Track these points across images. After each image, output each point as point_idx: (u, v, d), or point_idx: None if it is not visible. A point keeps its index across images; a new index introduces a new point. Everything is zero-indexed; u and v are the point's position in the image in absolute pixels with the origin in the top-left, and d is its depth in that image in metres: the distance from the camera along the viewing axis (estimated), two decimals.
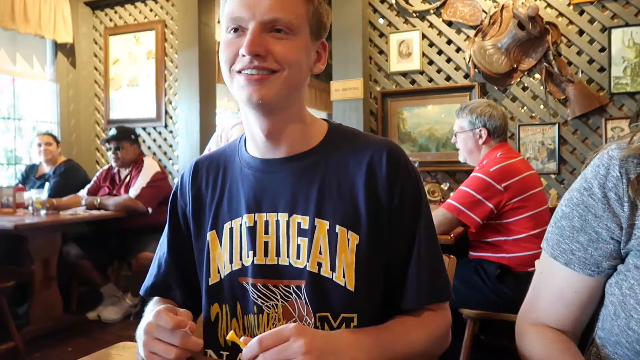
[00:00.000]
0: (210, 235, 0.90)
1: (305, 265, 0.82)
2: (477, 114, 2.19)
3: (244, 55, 0.77)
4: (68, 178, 3.61)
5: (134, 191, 3.32)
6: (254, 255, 0.85)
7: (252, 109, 0.82)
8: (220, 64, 0.83)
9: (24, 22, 3.88)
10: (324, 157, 0.87)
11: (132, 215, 3.30)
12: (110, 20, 4.52)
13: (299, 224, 0.84)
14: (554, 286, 0.79)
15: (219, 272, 0.89)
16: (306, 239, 0.83)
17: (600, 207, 0.71)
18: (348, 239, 0.82)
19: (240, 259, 0.87)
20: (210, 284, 0.89)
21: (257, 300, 0.85)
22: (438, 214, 2.00)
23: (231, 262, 0.87)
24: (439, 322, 0.85)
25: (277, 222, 0.85)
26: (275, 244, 0.85)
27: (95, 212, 3.25)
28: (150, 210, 3.32)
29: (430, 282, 0.84)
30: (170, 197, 0.99)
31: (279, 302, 0.84)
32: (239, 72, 0.79)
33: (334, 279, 0.81)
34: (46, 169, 3.78)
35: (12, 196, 3.19)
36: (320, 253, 0.82)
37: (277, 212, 0.85)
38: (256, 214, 0.86)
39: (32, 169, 3.88)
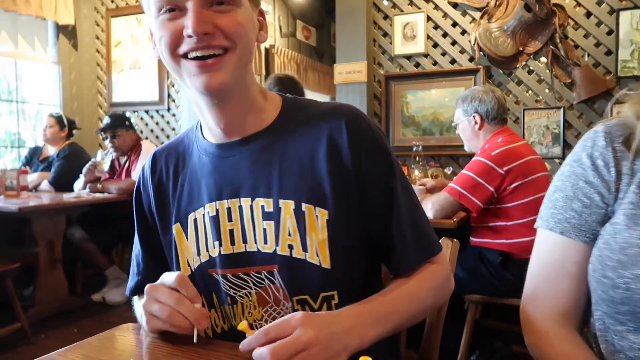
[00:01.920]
0: (175, 229, 0.87)
1: (275, 250, 0.79)
2: (468, 101, 2.21)
3: (190, 36, 0.71)
4: (72, 161, 3.61)
5: (136, 174, 3.34)
6: (220, 245, 0.82)
7: (207, 97, 0.77)
8: (160, 50, 0.76)
9: (25, 3, 3.85)
10: (280, 134, 0.83)
11: None
12: (112, 1, 4.47)
13: (262, 207, 0.80)
14: (554, 262, 0.78)
15: (189, 265, 0.86)
16: (272, 222, 0.80)
17: (590, 174, 0.74)
18: (316, 216, 0.78)
19: (207, 250, 0.84)
20: None
21: (229, 291, 0.83)
22: (440, 197, 2.00)
23: (199, 254, 0.85)
24: (435, 274, 0.83)
25: (240, 207, 0.82)
26: (241, 231, 0.81)
27: (98, 195, 3.27)
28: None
29: (418, 242, 0.82)
30: (134, 193, 0.96)
31: (252, 289, 0.81)
32: (185, 56, 0.73)
33: (307, 260, 0.78)
34: (50, 151, 3.79)
35: (16, 179, 3.20)
36: (289, 235, 0.79)
37: (238, 197, 0.82)
38: (217, 202, 0.83)
39: (35, 151, 3.89)
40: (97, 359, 0.68)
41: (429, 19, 3.46)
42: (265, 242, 0.80)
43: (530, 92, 3.24)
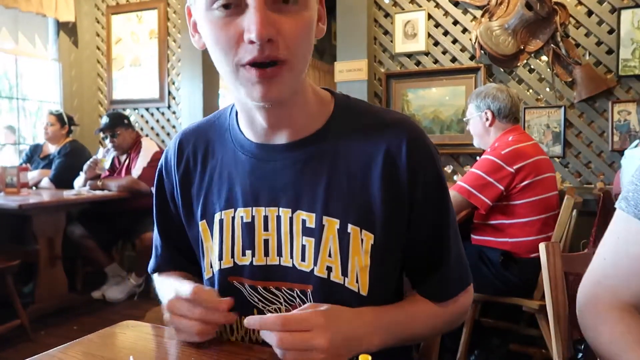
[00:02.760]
0: (201, 226, 0.81)
1: (313, 269, 0.73)
2: (481, 97, 2.21)
3: (251, 42, 0.62)
4: (72, 158, 3.62)
5: (136, 172, 3.35)
6: (253, 255, 0.76)
7: (259, 103, 0.69)
8: (213, 53, 0.68)
9: (25, 0, 3.84)
10: (331, 143, 0.75)
11: (136, 196, 3.31)
12: None
13: (304, 221, 0.74)
14: (635, 252, 0.70)
15: (211, 266, 0.81)
16: (312, 240, 0.73)
17: None
18: (362, 239, 0.73)
19: (232, 257, 0.78)
20: (206, 277, 0.83)
21: (258, 303, 0.77)
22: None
23: (220, 258, 0.79)
24: (459, 305, 0.81)
25: (279, 218, 0.75)
26: (277, 243, 0.75)
27: (99, 193, 3.27)
28: (153, 190, 3.33)
29: (457, 275, 0.80)
30: (156, 177, 0.89)
31: (282, 305, 0.76)
32: (245, 64, 0.64)
33: (346, 285, 0.73)
34: (51, 149, 3.79)
35: (16, 176, 3.20)
36: (329, 256, 0.73)
37: (278, 206, 0.75)
38: (254, 208, 0.76)
39: (36, 148, 3.89)
40: (97, 356, 0.68)
41: (429, 17, 3.45)
42: (303, 260, 0.74)
43: (531, 90, 3.24)
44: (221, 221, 0.79)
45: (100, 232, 3.39)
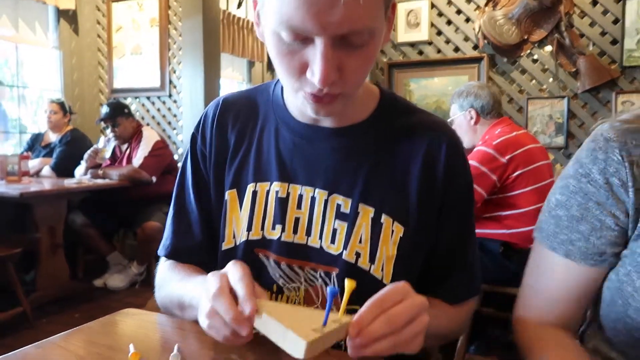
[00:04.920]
0: (229, 195, 0.80)
1: (341, 253, 0.74)
2: (463, 96, 2.21)
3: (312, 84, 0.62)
4: (74, 147, 3.61)
5: (137, 161, 3.34)
6: (282, 230, 0.76)
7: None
8: (274, 61, 0.66)
9: None
10: (375, 134, 0.78)
11: (136, 185, 3.31)
12: None
13: (338, 206, 0.75)
14: (555, 281, 0.72)
15: (234, 237, 0.79)
16: (345, 224, 0.75)
17: (603, 194, 0.65)
18: (392, 230, 0.75)
19: (262, 229, 0.77)
20: (223, 248, 0.80)
21: (279, 279, 0.77)
22: None
23: (249, 229, 0.78)
24: (464, 314, 0.83)
25: (313, 198, 0.76)
26: (307, 223, 0.76)
27: (100, 182, 3.26)
28: (154, 179, 3.34)
29: (469, 283, 0.82)
30: (190, 141, 0.85)
31: (302, 285, 0.76)
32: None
33: (371, 272, 0.74)
34: (52, 137, 3.79)
35: (18, 164, 3.19)
36: (360, 242, 0.74)
37: (314, 187, 0.76)
38: (290, 185, 0.77)
39: (37, 137, 3.89)
40: (98, 344, 0.68)
41: (433, 6, 3.42)
42: (332, 242, 0.75)
43: (534, 81, 3.22)
44: (254, 192, 0.79)
45: (102, 220, 3.40)
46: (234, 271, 0.58)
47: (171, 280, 0.81)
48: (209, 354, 0.66)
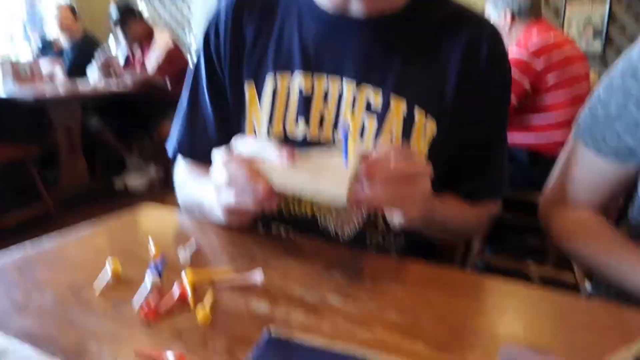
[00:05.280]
0: (248, 88, 0.74)
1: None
2: None
3: None
4: (85, 51, 3.55)
5: (150, 66, 3.28)
6: (307, 125, 0.71)
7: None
8: None
9: None
10: (410, 23, 0.72)
11: (151, 90, 3.27)
12: None
13: (368, 97, 0.70)
14: (584, 174, 0.75)
15: (255, 133, 0.74)
16: (374, 119, 0.69)
17: None
18: (425, 126, 0.70)
19: (284, 124, 0.72)
20: None
21: None
22: None
23: (270, 123, 0.72)
24: (483, 214, 0.81)
25: (341, 90, 0.70)
26: (335, 116, 0.71)
27: (114, 88, 3.22)
28: (169, 85, 3.29)
29: (493, 183, 0.79)
30: (202, 40, 0.79)
31: None
32: None
33: None
34: (64, 42, 3.71)
35: (30, 68, 3.16)
36: (390, 140, 0.69)
37: (342, 75, 0.71)
38: (314, 75, 0.71)
39: (49, 42, 3.81)
40: (118, 238, 0.67)
41: None
42: (360, 138, 0.70)
43: None
44: (275, 84, 0.73)
45: (117, 123, 3.40)
46: (241, 142, 0.58)
47: (190, 181, 0.79)
48: (226, 248, 0.64)
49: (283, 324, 0.46)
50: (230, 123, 0.78)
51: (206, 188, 0.68)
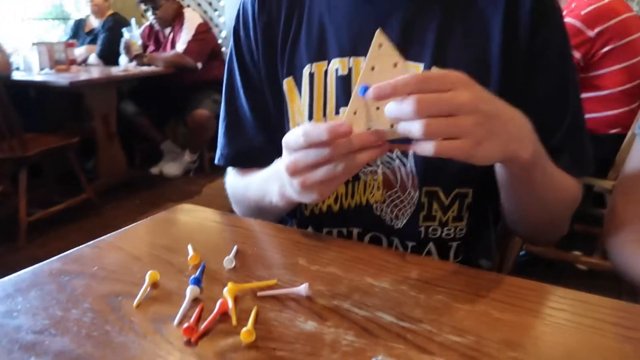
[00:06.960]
0: (287, 84, 0.72)
1: None
2: None
3: None
4: (116, 32, 3.55)
5: (181, 46, 3.28)
6: None
7: None
8: None
9: None
10: None
11: (182, 72, 3.26)
12: None
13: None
14: None
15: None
16: None
17: None
18: None
19: (325, 115, 0.69)
20: None
21: None
22: None
23: (311, 117, 0.70)
24: (578, 191, 0.70)
25: None
26: None
27: (146, 69, 3.22)
28: (200, 65, 3.27)
29: (579, 154, 0.69)
30: (232, 36, 0.77)
31: (379, 168, 0.69)
32: None
33: None
34: (94, 23, 3.73)
35: (64, 52, 3.17)
36: None
37: None
38: (351, 59, 0.68)
39: (80, 23, 3.83)
40: (154, 244, 0.64)
41: None
42: None
43: None
44: (311, 75, 0.70)
45: (152, 109, 3.42)
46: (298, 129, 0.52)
47: (244, 182, 0.76)
48: (270, 256, 0.61)
49: (332, 345, 0.43)
50: (271, 121, 0.75)
51: (268, 174, 0.66)
